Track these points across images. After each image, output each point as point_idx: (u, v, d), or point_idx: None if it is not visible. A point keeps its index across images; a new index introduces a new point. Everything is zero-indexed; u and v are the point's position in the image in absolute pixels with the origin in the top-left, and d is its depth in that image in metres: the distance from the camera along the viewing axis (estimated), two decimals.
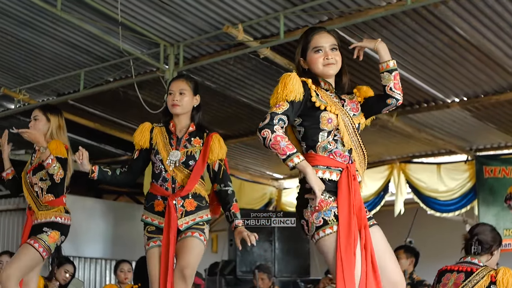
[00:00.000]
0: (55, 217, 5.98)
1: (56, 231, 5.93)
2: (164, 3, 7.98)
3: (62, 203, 6.06)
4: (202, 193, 5.25)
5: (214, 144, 5.22)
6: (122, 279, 8.94)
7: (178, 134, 5.29)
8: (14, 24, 8.70)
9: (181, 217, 5.17)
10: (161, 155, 5.22)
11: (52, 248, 5.92)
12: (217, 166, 5.24)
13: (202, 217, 5.21)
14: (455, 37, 8.21)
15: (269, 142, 3.94)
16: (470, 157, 12.25)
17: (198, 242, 5.13)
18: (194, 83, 5.41)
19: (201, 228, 5.18)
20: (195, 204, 5.20)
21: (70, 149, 6.12)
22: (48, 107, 6.30)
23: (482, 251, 5.14)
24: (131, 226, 12.77)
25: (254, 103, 10.67)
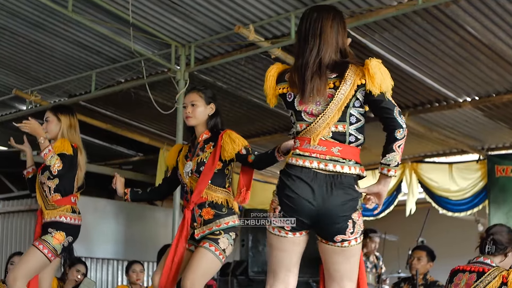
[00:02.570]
0: (59, 216, 5.96)
1: (61, 231, 5.91)
2: (175, 3, 7.99)
3: (69, 202, 6.04)
4: (220, 201, 5.23)
5: (225, 141, 5.24)
6: (134, 279, 8.93)
7: (195, 146, 5.39)
8: (26, 26, 8.73)
9: (200, 226, 5.22)
10: (180, 169, 5.38)
11: (58, 249, 5.89)
12: (244, 150, 5.21)
13: (219, 226, 5.18)
14: (466, 36, 8.19)
15: (402, 143, 3.80)
16: (482, 157, 12.22)
17: (206, 253, 5.09)
18: (207, 92, 5.48)
19: (215, 238, 5.14)
20: (212, 213, 5.20)
21: (81, 148, 6.12)
22: (59, 107, 6.31)
23: (496, 251, 5.13)
24: (143, 227, 12.80)
25: (266, 104, 10.62)
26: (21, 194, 11.81)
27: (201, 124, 5.40)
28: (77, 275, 8.43)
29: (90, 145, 12.59)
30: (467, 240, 9.56)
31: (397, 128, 3.75)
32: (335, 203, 3.70)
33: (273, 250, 3.91)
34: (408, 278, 8.45)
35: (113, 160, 13.86)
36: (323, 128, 3.74)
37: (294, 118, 3.88)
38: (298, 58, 3.86)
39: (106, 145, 13.07)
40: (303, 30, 3.87)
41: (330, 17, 3.86)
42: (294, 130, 3.90)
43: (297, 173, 3.77)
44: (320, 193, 3.70)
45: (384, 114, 3.77)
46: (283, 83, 3.92)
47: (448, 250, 12.68)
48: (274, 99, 4.01)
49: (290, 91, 3.86)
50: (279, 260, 3.91)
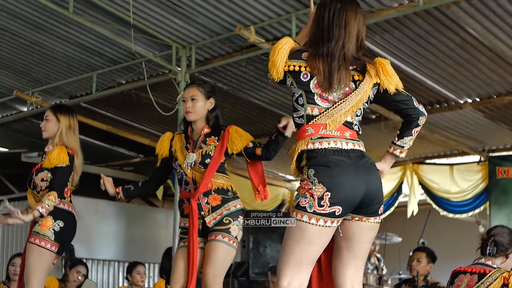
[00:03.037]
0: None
1: (47, 217, 5.74)
2: (176, 5, 7.99)
3: None
4: (225, 186, 5.28)
5: (233, 135, 5.27)
6: (138, 281, 8.90)
7: (194, 138, 5.40)
8: (27, 27, 8.74)
9: (208, 213, 5.23)
10: (179, 160, 5.35)
11: (49, 235, 5.72)
12: (251, 144, 5.25)
13: (229, 209, 5.23)
14: (467, 37, 8.19)
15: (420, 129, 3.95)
16: (483, 158, 12.22)
17: (222, 246, 5.14)
18: (206, 87, 5.49)
19: (226, 228, 5.18)
20: (219, 198, 5.24)
21: (77, 152, 6.05)
22: (59, 107, 6.20)
23: (497, 252, 5.12)
24: (143, 228, 12.82)
25: (266, 105, 10.67)
26: (22, 195, 11.78)
27: (201, 119, 5.41)
28: (78, 276, 8.42)
29: (91, 147, 12.60)
30: (468, 242, 9.58)
31: (420, 116, 3.91)
32: (374, 180, 3.79)
33: (304, 243, 3.68)
34: (409, 280, 8.44)
35: (114, 162, 13.86)
36: (340, 116, 3.75)
37: (303, 99, 3.78)
38: (319, 45, 3.81)
39: (107, 146, 13.07)
40: (326, 18, 3.83)
41: (354, 9, 3.87)
42: (302, 112, 3.79)
43: (336, 156, 3.69)
44: (362, 172, 3.73)
45: (403, 106, 3.91)
46: (298, 60, 3.81)
47: (449, 251, 12.68)
48: (282, 73, 3.83)
49: (307, 71, 3.78)
50: (309, 253, 3.71)
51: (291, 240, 3.70)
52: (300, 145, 3.74)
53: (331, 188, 3.61)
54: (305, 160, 3.72)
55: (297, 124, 3.84)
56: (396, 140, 3.96)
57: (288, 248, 3.69)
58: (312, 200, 3.62)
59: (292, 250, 3.68)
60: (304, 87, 3.78)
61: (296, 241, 3.68)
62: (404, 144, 3.94)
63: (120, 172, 13.55)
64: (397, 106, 3.92)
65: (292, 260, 3.69)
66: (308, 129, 3.75)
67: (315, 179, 3.63)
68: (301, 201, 3.66)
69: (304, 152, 3.73)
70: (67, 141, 5.96)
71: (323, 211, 3.61)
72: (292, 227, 3.71)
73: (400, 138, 3.94)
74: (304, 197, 3.65)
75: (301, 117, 3.79)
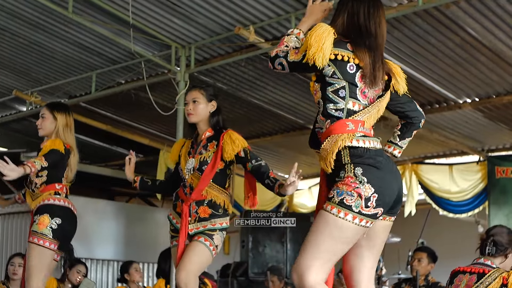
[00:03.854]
0: (42, 200, 5.83)
1: (43, 215, 5.75)
2: (175, 5, 7.99)
3: (53, 188, 5.89)
4: (218, 201, 5.30)
5: (225, 142, 5.28)
6: (137, 279, 8.87)
7: (197, 142, 5.44)
8: (26, 27, 8.74)
9: (194, 222, 5.29)
10: (181, 165, 5.44)
11: (47, 233, 5.71)
12: (243, 152, 5.24)
13: (214, 225, 5.27)
14: (466, 37, 8.19)
15: None
16: (482, 158, 12.22)
17: (202, 247, 5.20)
18: (209, 90, 5.52)
19: (210, 234, 5.24)
20: (209, 212, 5.28)
21: (74, 149, 6.05)
22: (55, 105, 6.22)
23: (497, 252, 5.12)
24: (143, 228, 12.80)
25: (266, 105, 10.67)
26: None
27: (203, 121, 5.44)
28: (78, 276, 8.41)
29: (90, 146, 12.59)
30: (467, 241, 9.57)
31: (422, 119, 4.11)
32: (401, 180, 3.82)
33: (343, 243, 3.61)
34: (409, 279, 8.44)
35: (113, 161, 13.84)
36: (376, 114, 3.79)
37: (345, 92, 3.68)
38: (357, 38, 3.76)
39: (106, 146, 13.07)
40: (362, 12, 3.80)
41: (383, 9, 3.90)
42: (342, 106, 3.69)
43: (376, 152, 3.67)
44: (396, 174, 3.76)
45: (407, 108, 4.05)
46: (345, 50, 3.69)
47: (448, 251, 12.66)
48: (327, 58, 3.65)
49: (354, 63, 3.69)
50: (342, 251, 3.66)
51: (328, 236, 3.58)
52: (343, 140, 3.64)
53: (379, 190, 3.58)
54: (348, 157, 3.63)
55: (331, 116, 3.71)
56: (397, 141, 4.03)
57: (322, 244, 3.57)
58: (359, 199, 3.55)
59: (326, 247, 3.58)
60: (349, 79, 3.69)
61: (333, 239, 3.58)
62: (403, 144, 4.05)
63: (119, 171, 13.54)
64: (402, 107, 4.01)
65: (324, 256, 3.59)
66: (348, 123, 3.67)
67: (364, 178, 3.57)
68: (346, 199, 3.56)
69: (346, 148, 3.64)
70: (64, 138, 5.97)
71: (368, 212, 3.56)
72: (328, 222, 3.58)
73: (401, 139, 4.03)
74: (351, 195, 3.56)
75: (341, 110, 3.69)
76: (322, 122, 3.77)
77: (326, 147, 3.68)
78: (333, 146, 3.65)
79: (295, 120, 11.26)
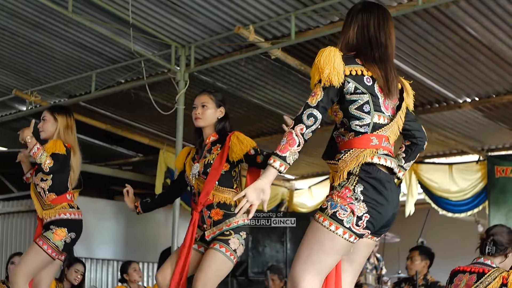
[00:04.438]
0: (59, 214, 5.94)
1: (62, 228, 5.90)
2: (175, 4, 7.99)
3: (65, 200, 6.02)
4: (228, 201, 5.23)
5: (233, 142, 5.25)
6: (136, 278, 8.88)
7: (202, 148, 5.44)
8: (26, 26, 8.73)
9: (209, 227, 5.24)
10: (187, 172, 5.42)
11: (59, 246, 5.87)
12: (253, 151, 5.20)
13: (229, 225, 5.19)
14: (466, 37, 8.19)
15: None
16: (481, 157, 12.22)
17: (217, 255, 5.11)
18: (218, 95, 5.54)
19: (225, 239, 5.15)
20: (221, 213, 5.22)
21: (75, 149, 6.11)
22: (56, 108, 6.34)
23: (496, 252, 5.12)
24: (143, 227, 12.80)
25: (265, 104, 10.67)
26: (21, 194, 11.80)
27: (209, 127, 5.44)
28: (76, 275, 8.41)
29: (90, 146, 12.59)
30: (467, 241, 9.58)
31: (425, 141, 4.13)
32: (398, 205, 3.78)
33: (334, 254, 3.60)
34: (409, 278, 8.44)
35: (113, 161, 13.85)
36: (396, 129, 3.76)
37: (369, 106, 3.62)
38: (367, 50, 3.73)
39: (106, 145, 13.07)
40: (372, 24, 3.79)
41: (391, 19, 3.92)
42: (368, 121, 3.63)
43: (386, 177, 3.62)
44: (396, 198, 3.71)
45: (413, 127, 4.06)
46: (356, 65, 3.65)
47: (448, 250, 12.68)
48: (342, 76, 3.57)
49: (369, 75, 3.64)
50: (333, 263, 3.66)
51: (319, 248, 3.58)
52: (366, 156, 3.59)
53: (372, 212, 3.54)
54: (358, 170, 3.58)
55: (356, 131, 3.65)
56: (403, 163, 4.04)
57: (315, 256, 3.58)
58: (352, 216, 3.52)
59: (319, 259, 3.58)
60: (371, 91, 3.64)
61: (324, 251, 3.57)
62: (408, 166, 4.08)
63: (119, 171, 13.55)
64: (409, 125, 4.01)
65: (316, 267, 3.59)
66: (372, 139, 3.63)
67: (361, 196, 3.53)
68: (339, 213, 3.53)
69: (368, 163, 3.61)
70: (64, 140, 6.03)
71: (357, 230, 3.54)
72: (320, 233, 3.58)
73: (406, 161, 4.05)
74: (344, 209, 3.53)
75: (367, 125, 3.64)
76: (343, 132, 3.72)
77: (347, 159, 3.62)
78: (353, 160, 3.60)
79: None
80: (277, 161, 3.47)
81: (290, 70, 9.27)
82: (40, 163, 5.76)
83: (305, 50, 8.65)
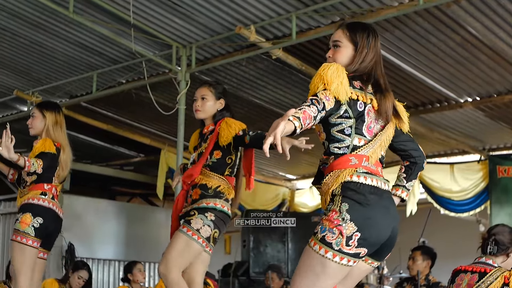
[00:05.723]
0: (27, 199, 5.85)
1: (26, 213, 5.80)
2: (176, 4, 7.99)
3: (41, 188, 5.89)
4: (210, 184, 5.26)
5: (221, 127, 5.30)
6: (140, 279, 8.88)
7: (201, 136, 5.49)
8: (27, 27, 8.74)
9: (189, 205, 5.31)
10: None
11: (29, 232, 5.76)
12: (241, 132, 5.24)
13: (199, 204, 5.21)
14: (467, 36, 8.19)
15: None
16: (483, 157, 12.22)
17: (179, 235, 5.17)
18: (218, 88, 5.59)
19: (189, 219, 5.19)
20: (199, 193, 5.27)
21: (64, 147, 6.05)
22: (44, 104, 6.29)
23: (498, 251, 5.11)
24: (144, 227, 12.82)
25: (267, 104, 10.67)
26: None
27: (209, 118, 5.49)
28: (79, 282, 8.39)
29: (91, 146, 12.60)
30: (468, 241, 9.56)
31: (424, 160, 4.03)
32: (397, 226, 3.72)
33: (327, 279, 3.54)
34: (411, 278, 8.42)
35: (114, 161, 13.85)
36: (379, 148, 3.72)
37: (351, 130, 3.62)
38: (363, 73, 3.72)
39: (107, 146, 13.07)
40: (371, 47, 3.77)
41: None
42: (347, 143, 3.62)
43: (374, 195, 3.57)
44: (392, 217, 3.67)
45: (411, 147, 4.00)
46: (354, 88, 3.62)
47: (450, 250, 12.66)
48: (348, 95, 3.56)
49: (362, 101, 3.63)
50: (326, 286, 3.58)
51: (311, 272, 3.54)
52: (344, 175, 3.56)
53: (362, 229, 3.48)
54: (340, 189, 3.56)
55: (335, 154, 3.64)
56: (405, 183, 4.00)
57: (310, 281, 3.53)
58: (341, 237, 3.47)
59: (312, 282, 3.53)
60: (359, 116, 3.63)
61: (317, 276, 3.52)
62: (411, 187, 4.03)
63: (120, 171, 13.56)
64: (405, 145, 3.97)
65: None
66: (351, 159, 3.60)
67: (347, 216, 3.48)
68: (327, 236, 3.49)
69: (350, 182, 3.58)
70: (54, 136, 5.99)
71: (349, 250, 3.47)
72: (311, 258, 3.53)
73: (408, 180, 3.99)
74: (332, 232, 3.48)
75: (346, 147, 3.62)
76: (325, 159, 3.71)
77: (328, 181, 3.61)
78: (334, 181, 3.59)
79: None
80: (296, 120, 3.30)
81: (291, 70, 9.27)
82: (35, 170, 5.73)
83: (306, 50, 8.65)
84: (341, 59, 3.76)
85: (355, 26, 3.87)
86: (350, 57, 3.77)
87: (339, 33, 3.87)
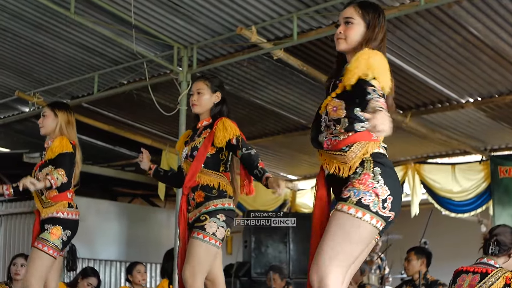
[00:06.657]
0: (56, 212, 5.93)
1: (57, 226, 5.88)
2: (177, 5, 7.99)
3: (65, 198, 6.00)
4: (212, 184, 5.28)
5: (218, 128, 5.31)
6: (139, 280, 8.90)
7: (195, 131, 5.51)
8: (28, 28, 8.73)
9: (193, 209, 5.31)
10: (180, 155, 5.56)
11: (58, 244, 5.86)
12: (235, 140, 5.26)
13: (208, 207, 5.23)
14: (469, 37, 8.18)
15: None
16: (484, 157, 12.21)
17: (195, 242, 5.15)
18: (214, 81, 5.59)
19: (202, 225, 5.18)
20: (203, 195, 5.28)
21: (78, 146, 6.12)
22: (56, 104, 6.39)
23: (500, 252, 5.11)
24: (145, 228, 12.82)
25: (268, 105, 10.67)
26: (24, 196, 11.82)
27: (206, 112, 5.51)
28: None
29: (93, 147, 12.59)
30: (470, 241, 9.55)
31: None
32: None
33: (361, 244, 3.55)
34: (410, 280, 8.44)
35: (116, 162, 13.84)
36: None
37: None
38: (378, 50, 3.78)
39: (109, 146, 13.06)
40: (385, 31, 3.90)
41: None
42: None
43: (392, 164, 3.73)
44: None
45: None
46: None
47: (451, 251, 12.67)
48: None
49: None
50: (359, 253, 3.61)
51: (345, 238, 3.51)
52: (372, 146, 3.62)
53: (394, 193, 3.56)
54: (369, 155, 3.62)
55: (356, 130, 3.65)
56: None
57: (341, 247, 3.50)
58: (377, 200, 3.51)
59: (344, 250, 3.51)
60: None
61: (351, 241, 3.51)
62: None
63: (121, 172, 13.55)
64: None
65: (343, 259, 3.52)
66: (373, 134, 3.54)
67: (382, 179, 3.55)
68: (364, 199, 3.52)
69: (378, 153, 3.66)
70: (68, 136, 6.05)
71: (384, 213, 3.52)
72: (346, 223, 3.51)
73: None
74: (369, 194, 3.52)
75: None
76: (340, 134, 3.70)
77: (356, 151, 3.61)
78: (363, 150, 3.61)
79: (297, 120, 11.26)
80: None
81: (293, 71, 9.26)
82: (61, 182, 5.78)
83: (308, 50, 8.65)
84: (354, 36, 3.80)
85: (367, 4, 3.90)
86: (362, 34, 3.80)
87: (351, 10, 3.86)
